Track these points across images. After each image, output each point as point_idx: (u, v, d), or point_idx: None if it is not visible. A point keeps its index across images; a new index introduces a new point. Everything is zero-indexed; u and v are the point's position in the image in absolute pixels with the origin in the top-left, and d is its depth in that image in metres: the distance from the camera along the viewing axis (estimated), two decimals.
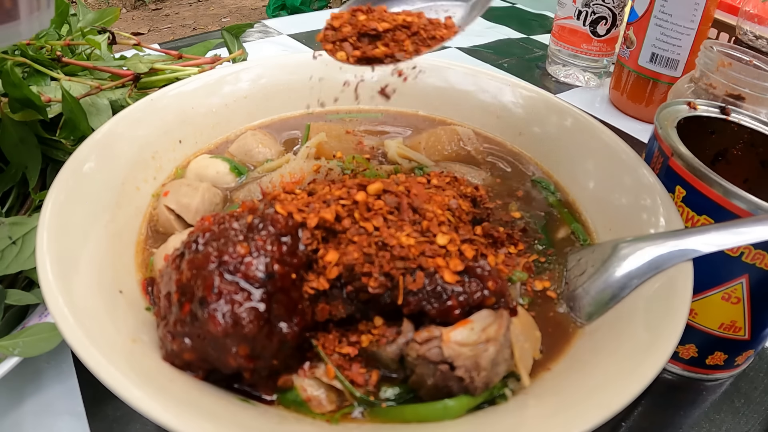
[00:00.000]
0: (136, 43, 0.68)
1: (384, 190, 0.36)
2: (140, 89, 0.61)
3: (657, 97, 0.85)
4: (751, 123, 0.47)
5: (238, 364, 0.31)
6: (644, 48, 0.83)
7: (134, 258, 0.42)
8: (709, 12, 0.77)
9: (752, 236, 0.35)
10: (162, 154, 0.51)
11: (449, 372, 0.32)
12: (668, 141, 0.42)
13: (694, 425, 0.44)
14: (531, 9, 1.43)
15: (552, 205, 0.51)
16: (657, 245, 0.37)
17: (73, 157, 0.42)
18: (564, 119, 0.57)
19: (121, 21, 3.71)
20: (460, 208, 0.38)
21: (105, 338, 0.31)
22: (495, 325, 0.32)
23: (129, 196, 0.45)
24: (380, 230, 0.34)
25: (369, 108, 0.64)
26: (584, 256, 0.42)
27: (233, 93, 0.59)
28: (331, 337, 0.35)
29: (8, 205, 0.48)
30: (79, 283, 0.34)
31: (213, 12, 3.97)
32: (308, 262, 0.34)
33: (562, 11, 0.96)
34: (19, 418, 0.40)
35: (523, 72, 1.04)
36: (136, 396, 0.27)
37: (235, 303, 0.30)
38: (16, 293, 0.43)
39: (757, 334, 0.43)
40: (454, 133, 0.58)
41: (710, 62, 0.58)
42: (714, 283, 0.41)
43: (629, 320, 0.36)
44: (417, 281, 0.32)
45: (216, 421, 0.28)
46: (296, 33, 1.16)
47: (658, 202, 0.42)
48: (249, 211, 0.35)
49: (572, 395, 0.32)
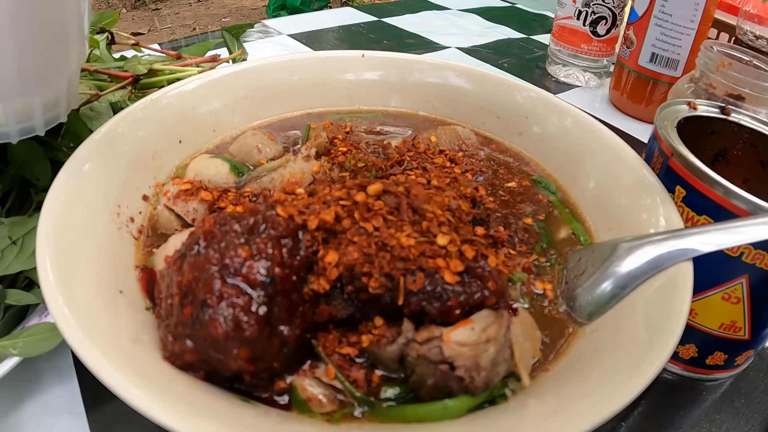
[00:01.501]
0: (134, 43, 0.68)
1: (384, 190, 0.36)
2: (140, 89, 0.61)
3: (657, 97, 0.85)
4: (751, 123, 0.47)
5: (239, 366, 0.31)
6: (644, 48, 0.83)
7: (134, 258, 0.42)
8: (709, 12, 0.77)
9: (752, 236, 0.35)
10: (162, 154, 0.51)
11: (449, 372, 0.32)
12: (668, 141, 0.42)
13: (694, 425, 0.44)
14: (531, 9, 1.43)
15: (552, 205, 0.51)
16: (657, 245, 0.37)
17: (73, 157, 0.42)
18: (564, 119, 0.57)
19: (122, 21, 3.70)
20: (461, 209, 0.38)
21: (105, 338, 0.31)
22: (495, 325, 0.32)
23: (129, 196, 0.45)
24: (380, 230, 0.34)
25: (369, 108, 0.64)
26: (584, 256, 0.42)
27: (233, 93, 0.59)
28: (331, 338, 0.35)
29: (8, 205, 0.48)
30: (79, 283, 0.34)
31: (213, 12, 3.97)
32: (309, 263, 0.34)
33: (562, 11, 0.96)
34: (19, 418, 0.40)
35: (523, 72, 1.04)
36: (137, 396, 0.27)
37: (236, 306, 0.30)
38: (16, 293, 0.43)
39: (757, 334, 0.43)
40: (454, 132, 0.58)
41: (710, 62, 0.58)
42: (714, 283, 0.41)
43: (629, 320, 0.36)
44: (417, 281, 0.32)
45: (216, 421, 0.28)
46: (296, 33, 1.16)
47: (658, 202, 0.42)
48: (250, 212, 0.35)
49: (572, 395, 0.32)
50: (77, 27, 0.38)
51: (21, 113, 0.36)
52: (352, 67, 0.64)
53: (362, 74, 0.64)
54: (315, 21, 1.25)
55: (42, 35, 0.35)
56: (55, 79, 0.38)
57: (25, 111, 0.37)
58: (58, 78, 0.38)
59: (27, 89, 0.36)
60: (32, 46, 0.34)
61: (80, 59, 0.40)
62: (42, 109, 0.37)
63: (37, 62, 0.35)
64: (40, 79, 0.36)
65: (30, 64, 0.35)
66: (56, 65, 0.37)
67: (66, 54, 0.38)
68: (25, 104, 0.36)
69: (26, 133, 0.38)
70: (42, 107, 0.37)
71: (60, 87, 0.39)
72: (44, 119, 0.38)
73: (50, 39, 0.36)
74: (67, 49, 0.37)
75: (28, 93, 0.36)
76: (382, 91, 0.64)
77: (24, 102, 0.36)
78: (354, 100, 0.64)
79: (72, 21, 0.37)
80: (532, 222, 0.49)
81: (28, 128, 0.38)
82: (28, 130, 0.38)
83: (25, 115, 0.37)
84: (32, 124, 0.38)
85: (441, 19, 1.31)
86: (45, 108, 0.38)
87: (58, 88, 0.39)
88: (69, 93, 0.40)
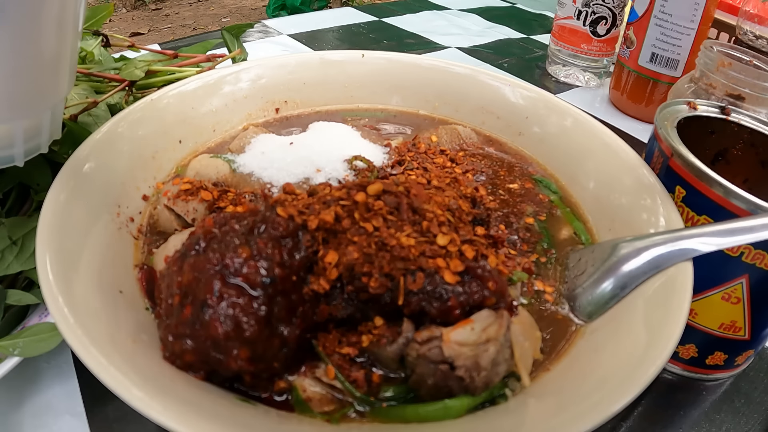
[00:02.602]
0: (130, 45, 0.68)
1: (384, 190, 0.36)
2: (138, 90, 0.61)
3: (657, 97, 0.85)
4: (751, 123, 0.47)
5: (239, 366, 0.31)
6: (644, 48, 0.83)
7: (134, 258, 0.42)
8: (709, 12, 0.77)
9: (752, 236, 0.35)
10: (162, 154, 0.51)
11: (449, 372, 0.32)
12: (668, 141, 0.42)
13: (694, 425, 0.44)
14: (531, 9, 1.43)
15: (554, 205, 0.51)
16: (657, 245, 0.37)
17: (73, 157, 0.43)
18: (564, 119, 0.57)
19: (122, 21, 3.71)
20: (461, 209, 0.38)
21: (105, 338, 0.31)
22: (495, 325, 0.32)
23: (129, 196, 0.45)
24: (380, 230, 0.34)
25: (369, 107, 0.64)
26: (584, 256, 0.42)
27: (233, 93, 0.59)
28: (331, 338, 0.35)
29: (8, 205, 0.48)
30: (79, 283, 0.34)
31: (213, 12, 3.97)
32: (309, 263, 0.34)
33: (562, 11, 0.96)
34: (19, 418, 0.40)
35: (523, 72, 1.04)
36: (137, 396, 0.27)
37: (236, 306, 0.30)
38: (16, 293, 0.43)
39: (757, 334, 0.43)
40: (455, 132, 0.58)
41: (710, 62, 0.58)
42: (714, 283, 0.41)
43: (629, 320, 0.36)
44: (417, 281, 0.32)
45: (216, 421, 0.28)
46: (296, 33, 1.16)
47: (658, 202, 0.42)
48: (250, 212, 0.35)
49: (572, 395, 0.32)
50: (70, 58, 0.36)
51: (0, 140, 0.35)
52: (352, 67, 0.64)
53: (362, 74, 0.64)
54: (315, 21, 1.25)
55: (32, 65, 0.33)
56: (40, 108, 0.36)
57: (4, 138, 0.35)
58: (43, 107, 0.36)
59: (8, 115, 0.34)
60: (21, 74, 0.33)
61: (69, 86, 0.38)
62: (23, 137, 0.35)
63: (23, 90, 0.34)
64: (24, 107, 0.34)
65: (16, 92, 0.33)
66: (43, 94, 0.36)
67: (55, 84, 0.36)
68: (5, 131, 0.35)
69: (3, 163, 0.36)
70: (23, 135, 0.35)
71: (44, 116, 0.37)
72: (24, 149, 0.36)
73: (41, 69, 0.34)
74: (56, 80, 0.36)
75: (9, 119, 0.34)
76: (382, 91, 0.65)
77: (4, 128, 0.34)
78: (354, 100, 0.64)
79: (65, 53, 0.36)
80: (533, 222, 0.49)
81: (6, 158, 0.36)
82: (6, 159, 0.36)
83: (4, 142, 0.35)
84: (11, 153, 0.36)
85: (441, 19, 1.31)
86: (26, 136, 0.36)
87: (42, 116, 0.37)
88: (52, 123, 0.38)
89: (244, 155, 0.51)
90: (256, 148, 0.52)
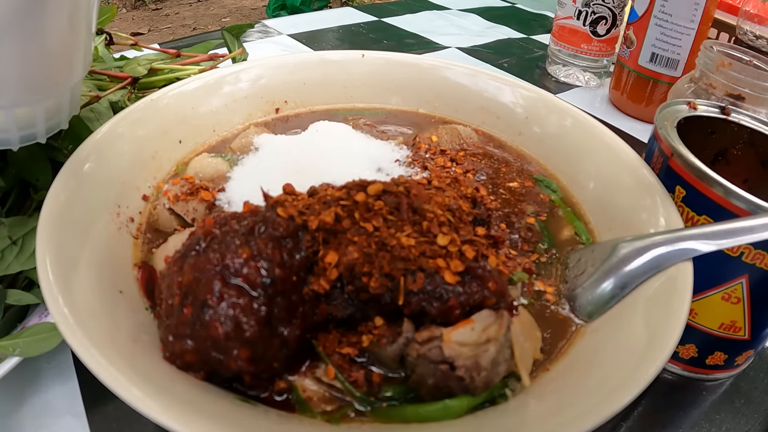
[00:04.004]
0: (133, 44, 0.68)
1: (384, 190, 0.36)
2: (140, 89, 0.61)
3: (657, 97, 0.85)
4: (751, 123, 0.47)
5: (239, 367, 0.31)
6: (644, 48, 0.83)
7: (134, 258, 0.42)
8: (709, 12, 0.77)
9: (752, 236, 0.35)
10: (162, 154, 0.51)
11: (449, 372, 0.32)
12: (668, 141, 0.42)
13: (694, 425, 0.44)
14: (531, 9, 1.43)
15: (554, 204, 0.51)
16: (657, 245, 0.37)
17: (73, 157, 0.43)
18: (564, 119, 0.57)
19: (122, 21, 3.71)
20: (461, 209, 0.38)
21: (105, 338, 0.31)
22: (495, 325, 0.32)
23: (129, 196, 0.45)
24: (380, 230, 0.34)
25: (369, 106, 0.64)
26: (584, 256, 0.42)
27: (233, 93, 0.59)
28: (331, 338, 0.35)
29: (8, 205, 0.48)
30: (79, 283, 0.34)
31: (213, 12, 3.97)
32: (309, 264, 0.34)
33: (562, 11, 0.96)
34: (19, 419, 0.40)
35: (523, 72, 1.04)
36: (137, 396, 0.27)
37: (236, 307, 0.30)
38: (16, 293, 0.43)
39: (757, 334, 0.43)
40: (456, 131, 0.58)
41: (710, 62, 0.58)
42: (714, 283, 0.41)
43: (629, 320, 0.36)
44: (417, 281, 0.32)
45: (216, 421, 0.28)
46: (296, 33, 1.16)
47: (658, 202, 0.42)
48: (250, 213, 0.35)
49: (572, 395, 0.32)
50: (85, 40, 0.38)
51: (23, 121, 0.37)
52: (352, 67, 0.64)
53: (362, 74, 0.64)
54: (315, 21, 1.25)
55: (50, 48, 0.35)
56: (60, 89, 0.38)
57: (27, 119, 0.37)
58: (63, 88, 0.38)
59: (31, 98, 0.36)
60: (39, 57, 0.35)
61: (85, 69, 0.40)
62: (44, 117, 0.38)
63: (42, 72, 0.36)
64: (44, 88, 0.37)
65: (36, 75, 0.35)
66: (61, 76, 0.37)
67: (72, 65, 0.38)
68: (27, 112, 0.37)
69: (27, 140, 0.38)
70: (44, 115, 0.37)
71: (63, 96, 0.39)
72: (46, 127, 0.38)
73: (58, 52, 0.36)
74: (73, 61, 0.38)
75: (32, 102, 0.36)
76: (382, 91, 0.65)
77: (27, 110, 0.36)
78: (354, 99, 0.64)
79: (81, 35, 0.37)
80: (534, 221, 0.49)
81: (30, 135, 0.38)
82: (30, 137, 0.38)
83: (27, 122, 0.37)
84: (34, 131, 0.38)
85: (441, 19, 1.31)
86: (47, 116, 0.38)
87: (61, 97, 0.39)
88: (71, 101, 0.40)
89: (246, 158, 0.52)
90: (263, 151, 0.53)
